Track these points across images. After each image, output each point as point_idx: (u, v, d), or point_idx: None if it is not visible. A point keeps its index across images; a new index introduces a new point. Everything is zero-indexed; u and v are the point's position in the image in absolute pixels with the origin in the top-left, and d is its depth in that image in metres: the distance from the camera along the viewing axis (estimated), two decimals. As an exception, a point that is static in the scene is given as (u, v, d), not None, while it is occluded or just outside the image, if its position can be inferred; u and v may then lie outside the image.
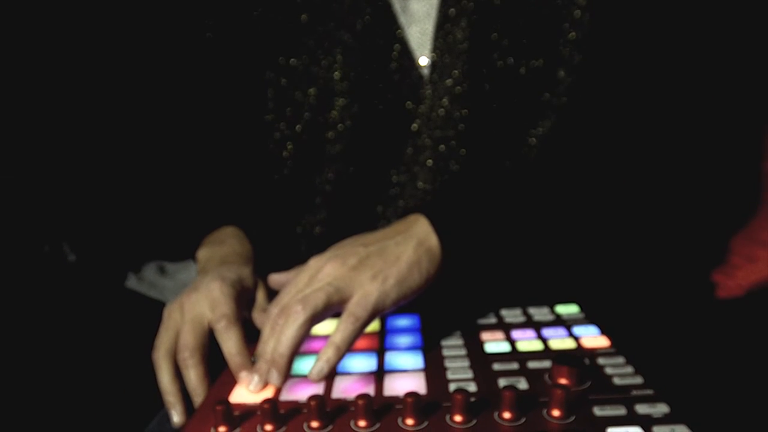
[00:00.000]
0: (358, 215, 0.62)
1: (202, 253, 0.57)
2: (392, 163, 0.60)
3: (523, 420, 0.36)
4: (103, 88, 0.86)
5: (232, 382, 0.44)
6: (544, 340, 0.48)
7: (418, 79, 0.57)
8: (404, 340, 0.50)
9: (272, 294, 0.54)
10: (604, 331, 0.49)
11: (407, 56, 0.57)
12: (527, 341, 0.48)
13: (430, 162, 0.58)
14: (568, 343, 0.47)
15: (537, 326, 0.51)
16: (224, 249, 0.56)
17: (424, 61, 0.57)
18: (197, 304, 0.46)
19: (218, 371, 0.46)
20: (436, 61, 0.57)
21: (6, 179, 0.86)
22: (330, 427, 0.37)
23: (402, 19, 0.57)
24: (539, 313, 0.53)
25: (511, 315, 0.53)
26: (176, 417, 0.44)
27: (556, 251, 0.59)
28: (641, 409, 0.36)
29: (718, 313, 0.64)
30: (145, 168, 0.70)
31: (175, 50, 0.64)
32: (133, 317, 0.47)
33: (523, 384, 0.41)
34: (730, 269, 0.68)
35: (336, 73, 0.56)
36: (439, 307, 0.57)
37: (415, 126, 0.58)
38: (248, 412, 0.39)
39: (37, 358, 0.56)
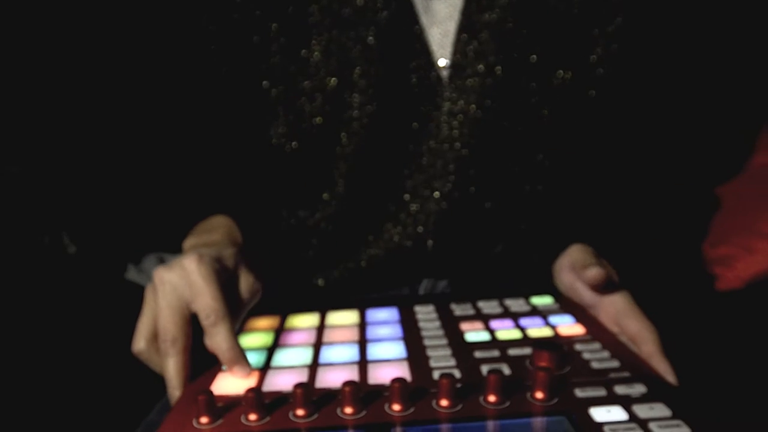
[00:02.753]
0: (369, 215, 0.61)
1: (189, 242, 0.55)
2: (406, 165, 0.59)
3: (507, 403, 0.36)
4: (103, 82, 0.84)
5: (213, 372, 0.43)
6: (522, 329, 0.49)
7: (437, 81, 0.57)
8: (384, 331, 0.50)
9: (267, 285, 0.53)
10: (579, 320, 0.50)
11: (426, 57, 0.56)
12: (506, 330, 0.49)
13: (444, 165, 0.58)
14: (546, 332, 0.48)
15: (514, 316, 0.52)
16: (212, 237, 0.54)
17: (443, 62, 0.56)
18: (172, 284, 0.43)
19: (202, 362, 0.44)
20: (456, 63, 0.56)
21: (7, 171, 0.83)
22: (316, 416, 0.36)
23: (423, 20, 0.56)
24: (515, 304, 0.54)
25: (489, 306, 0.54)
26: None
27: (538, 242, 0.60)
28: (620, 389, 0.38)
29: (717, 305, 0.66)
30: (147, 159, 0.67)
31: (179, 42, 0.61)
32: (133, 308, 0.45)
33: (505, 370, 0.41)
34: (729, 261, 0.69)
35: (356, 69, 0.55)
36: (416, 300, 0.57)
37: (432, 128, 0.58)
38: (231, 402, 0.38)
39: (38, 349, 0.54)
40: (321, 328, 0.51)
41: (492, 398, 0.37)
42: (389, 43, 0.56)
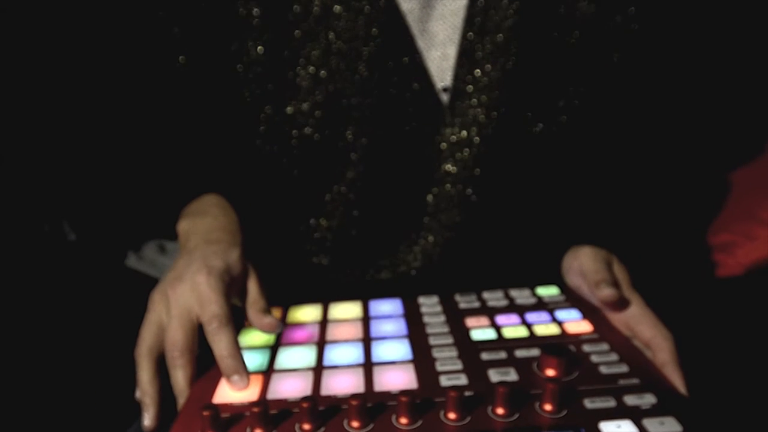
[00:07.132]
0: (372, 239, 0.60)
1: (183, 226, 0.52)
2: (409, 191, 0.57)
3: (516, 416, 0.36)
4: (99, 72, 0.81)
5: (217, 379, 0.42)
6: (529, 326, 0.48)
7: (437, 106, 0.54)
8: (389, 327, 0.49)
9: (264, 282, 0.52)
10: (585, 315, 0.49)
11: (425, 82, 0.53)
12: (512, 327, 0.48)
13: (447, 190, 0.56)
14: (552, 329, 0.47)
15: (520, 310, 0.51)
16: (207, 221, 0.51)
17: (443, 86, 0.53)
18: (183, 297, 0.43)
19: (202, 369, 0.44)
20: (458, 87, 0.53)
21: (6, 161, 0.81)
22: (322, 429, 0.36)
23: (420, 43, 0.52)
24: (521, 296, 0.54)
25: (494, 298, 0.53)
26: (148, 420, 0.42)
27: (542, 233, 0.59)
28: (630, 400, 0.37)
29: (718, 291, 0.66)
30: (144, 147, 0.64)
31: (163, 49, 0.57)
32: (133, 295, 0.45)
33: (512, 375, 0.41)
34: (730, 248, 0.68)
35: (346, 100, 0.52)
36: (420, 291, 0.56)
37: (433, 153, 0.56)
38: (236, 415, 0.38)
39: (39, 337, 0.53)
40: (324, 323, 0.50)
41: (500, 411, 0.36)
42: (382, 72, 0.52)
